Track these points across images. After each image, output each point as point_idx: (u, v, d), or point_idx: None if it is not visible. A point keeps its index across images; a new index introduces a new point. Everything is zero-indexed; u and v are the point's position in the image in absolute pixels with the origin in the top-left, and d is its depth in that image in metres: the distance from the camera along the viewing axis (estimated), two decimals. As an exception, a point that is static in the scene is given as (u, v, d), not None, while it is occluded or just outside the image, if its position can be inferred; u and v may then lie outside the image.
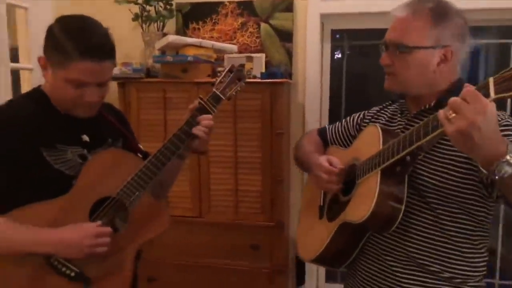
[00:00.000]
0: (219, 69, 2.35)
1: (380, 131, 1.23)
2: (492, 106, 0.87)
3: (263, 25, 2.66)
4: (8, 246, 1.18)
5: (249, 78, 2.39)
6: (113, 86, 2.51)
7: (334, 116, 2.77)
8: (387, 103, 1.42)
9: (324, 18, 2.67)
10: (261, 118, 2.36)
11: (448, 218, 1.18)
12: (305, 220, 1.48)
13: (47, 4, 2.42)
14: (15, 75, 2.43)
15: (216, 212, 2.45)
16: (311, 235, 1.40)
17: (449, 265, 1.20)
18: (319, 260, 1.32)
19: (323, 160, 1.31)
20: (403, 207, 1.13)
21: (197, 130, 1.36)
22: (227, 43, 2.65)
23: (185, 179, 2.44)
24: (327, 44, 2.74)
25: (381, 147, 1.18)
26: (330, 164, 1.30)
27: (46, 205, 1.23)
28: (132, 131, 1.55)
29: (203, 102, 1.41)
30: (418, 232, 1.21)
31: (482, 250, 1.23)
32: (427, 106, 1.23)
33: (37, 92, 1.34)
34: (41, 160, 1.24)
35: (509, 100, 2.44)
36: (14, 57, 2.43)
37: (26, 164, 1.22)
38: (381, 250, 1.26)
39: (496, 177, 0.91)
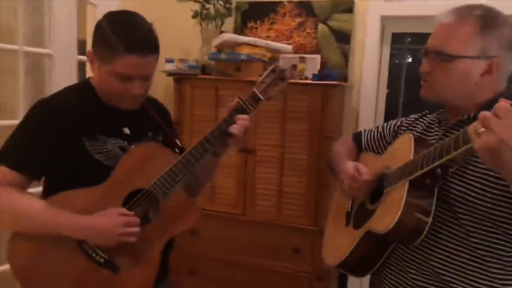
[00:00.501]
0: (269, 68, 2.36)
1: (412, 140, 1.17)
2: None
3: (320, 25, 2.62)
4: (43, 227, 1.25)
5: (301, 79, 2.38)
6: (169, 81, 2.60)
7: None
8: (426, 111, 1.35)
9: (385, 20, 2.58)
10: (310, 120, 2.32)
11: (479, 236, 1.10)
12: (332, 226, 1.45)
13: (115, 1, 2.54)
14: (82, 67, 2.59)
15: (260, 211, 2.46)
16: (336, 241, 1.37)
17: (476, 284, 1.12)
18: (342, 266, 1.28)
19: (350, 166, 1.27)
20: (429, 221, 1.06)
21: (233, 129, 1.37)
22: (283, 43, 2.64)
23: (231, 176, 2.48)
24: (387, 47, 2.64)
25: (412, 157, 1.12)
26: (358, 172, 1.25)
27: (82, 192, 1.29)
28: (174, 127, 1.59)
29: (241, 102, 1.41)
30: (446, 248, 1.14)
31: None
32: (465, 117, 1.15)
33: (84, 84, 1.41)
34: (82, 149, 1.31)
35: None
36: (82, 50, 2.58)
37: (68, 152, 1.29)
38: (405, 262, 1.21)
39: None
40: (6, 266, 1.42)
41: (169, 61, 2.50)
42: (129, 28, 1.27)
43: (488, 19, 1.12)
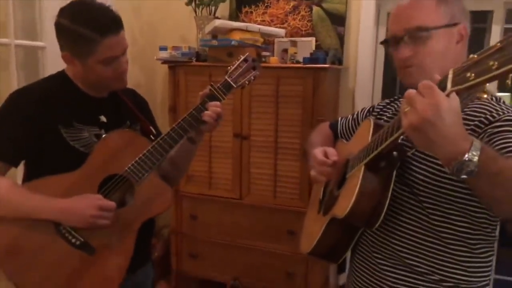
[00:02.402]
0: (267, 52, 2.36)
1: (372, 124, 1.16)
2: (447, 101, 0.78)
3: (315, 8, 2.60)
4: (18, 210, 1.31)
5: (292, 63, 2.38)
6: (164, 68, 2.63)
7: (387, 103, 2.62)
8: (399, 96, 1.33)
9: (380, 0, 2.53)
10: (302, 104, 2.33)
11: (441, 219, 1.09)
12: (308, 213, 1.46)
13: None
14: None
15: (255, 195, 2.49)
16: (309, 228, 1.38)
17: (439, 267, 1.11)
18: (314, 253, 1.28)
19: (318, 151, 1.27)
20: (386, 204, 1.06)
21: (205, 116, 1.41)
22: (277, 26, 2.63)
23: (227, 162, 2.52)
24: (383, 28, 2.60)
25: (369, 141, 1.12)
26: (326, 155, 1.26)
27: (58, 178, 1.34)
28: (152, 116, 1.63)
29: (213, 89, 1.44)
30: (408, 231, 1.13)
31: (483, 256, 1.12)
32: None
33: (60, 74, 1.46)
34: (58, 136, 1.35)
35: None
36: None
37: (44, 139, 1.34)
38: (371, 246, 1.21)
39: (461, 177, 0.83)
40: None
41: (162, 49, 2.52)
42: (92, 15, 1.31)
43: None
